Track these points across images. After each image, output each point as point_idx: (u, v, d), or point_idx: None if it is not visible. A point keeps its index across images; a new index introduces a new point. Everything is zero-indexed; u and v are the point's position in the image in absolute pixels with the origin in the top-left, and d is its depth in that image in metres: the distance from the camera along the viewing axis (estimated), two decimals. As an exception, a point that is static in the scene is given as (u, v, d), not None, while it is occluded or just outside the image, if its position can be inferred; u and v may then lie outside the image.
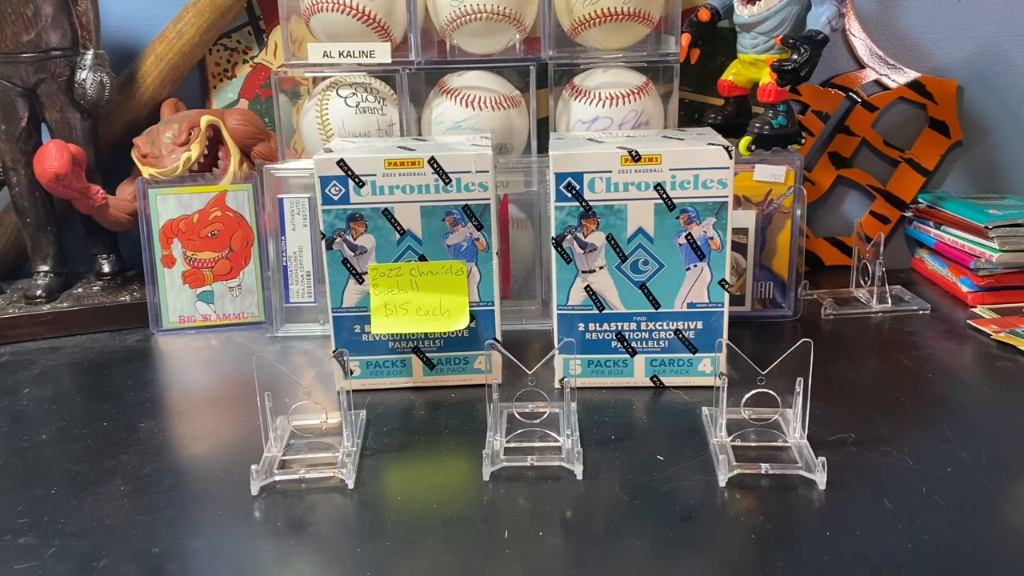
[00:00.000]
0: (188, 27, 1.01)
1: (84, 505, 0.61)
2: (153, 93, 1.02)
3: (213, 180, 0.95)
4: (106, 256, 1.02)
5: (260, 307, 0.96)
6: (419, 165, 0.74)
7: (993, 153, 1.10)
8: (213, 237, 0.95)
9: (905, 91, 1.08)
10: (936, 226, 1.04)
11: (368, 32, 0.89)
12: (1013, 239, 0.94)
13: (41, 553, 0.56)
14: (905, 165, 1.10)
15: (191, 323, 0.95)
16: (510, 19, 0.88)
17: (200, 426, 0.74)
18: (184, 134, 0.94)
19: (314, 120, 0.91)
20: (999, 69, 1.08)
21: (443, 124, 0.90)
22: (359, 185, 0.74)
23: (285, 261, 0.92)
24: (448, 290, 0.77)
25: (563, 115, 0.92)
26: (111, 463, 0.67)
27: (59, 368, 0.88)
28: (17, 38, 0.91)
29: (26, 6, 0.90)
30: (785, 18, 0.87)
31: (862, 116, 1.08)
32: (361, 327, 0.78)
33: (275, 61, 1.07)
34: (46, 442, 0.72)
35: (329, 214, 0.75)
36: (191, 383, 0.83)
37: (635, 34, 0.91)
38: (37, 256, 0.99)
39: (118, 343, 0.94)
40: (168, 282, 0.95)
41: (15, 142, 0.95)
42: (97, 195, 0.94)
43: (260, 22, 1.07)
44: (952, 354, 0.84)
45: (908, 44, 1.08)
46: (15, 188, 0.97)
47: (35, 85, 0.94)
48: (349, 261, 0.76)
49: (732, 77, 0.94)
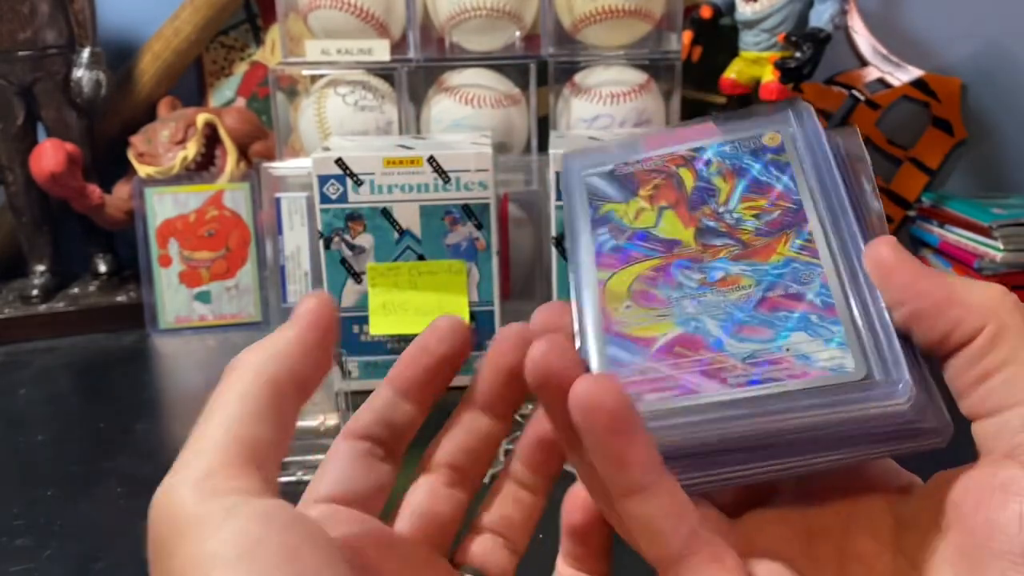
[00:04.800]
0: (185, 25, 1.01)
1: (80, 507, 0.61)
2: (150, 91, 1.02)
3: (210, 179, 0.94)
4: (102, 255, 1.01)
5: (257, 307, 0.96)
6: (418, 164, 0.73)
7: (997, 152, 1.10)
8: (210, 236, 0.94)
9: (908, 89, 1.07)
10: (940, 225, 1.03)
11: (366, 29, 0.88)
12: (1017, 238, 0.94)
13: (37, 555, 0.55)
14: (909, 164, 1.09)
15: (188, 323, 0.95)
16: (510, 16, 0.87)
17: (197, 427, 0.73)
18: (181, 132, 0.94)
19: (312, 118, 0.90)
20: (1003, 67, 1.07)
21: (442, 122, 0.89)
22: (357, 184, 0.73)
23: (283, 261, 0.91)
24: (447, 290, 0.76)
25: (564, 113, 0.91)
26: (108, 464, 0.67)
27: (55, 369, 0.87)
28: (13, 36, 0.90)
29: (22, 4, 0.90)
30: (787, 15, 0.86)
31: (865, 114, 1.08)
32: (359, 327, 0.77)
33: (273, 59, 1.07)
34: (42, 443, 0.71)
35: (327, 213, 0.74)
36: (188, 384, 0.83)
37: (636, 31, 0.90)
38: (33, 255, 0.99)
39: (114, 343, 0.93)
40: (165, 282, 0.94)
41: (11, 141, 0.94)
42: (93, 194, 0.93)
43: (258, 20, 1.07)
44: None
45: (911, 42, 1.07)
46: (11, 187, 0.96)
47: (31, 83, 0.93)
48: (347, 261, 0.76)
49: (734, 75, 0.93)
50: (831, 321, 0.25)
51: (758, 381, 0.24)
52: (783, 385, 0.23)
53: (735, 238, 0.27)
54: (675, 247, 0.27)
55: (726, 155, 0.29)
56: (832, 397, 0.23)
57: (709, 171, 0.29)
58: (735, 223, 0.27)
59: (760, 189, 0.28)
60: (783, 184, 0.28)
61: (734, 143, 0.29)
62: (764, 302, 0.25)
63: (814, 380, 0.23)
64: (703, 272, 0.27)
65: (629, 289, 0.27)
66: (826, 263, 0.26)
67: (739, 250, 0.27)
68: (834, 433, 0.23)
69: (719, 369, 0.24)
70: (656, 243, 0.28)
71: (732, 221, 0.27)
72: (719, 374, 0.24)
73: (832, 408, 0.23)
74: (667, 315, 0.26)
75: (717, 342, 0.25)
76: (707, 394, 0.24)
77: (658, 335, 0.26)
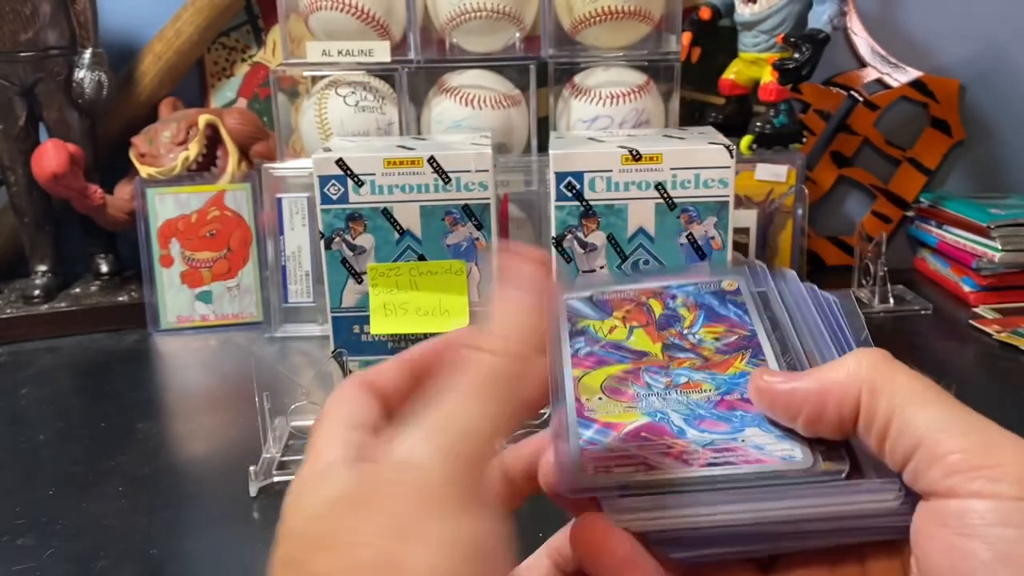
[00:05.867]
0: (186, 26, 1.01)
1: (82, 506, 0.61)
2: (151, 92, 1.02)
3: (211, 179, 0.95)
4: (104, 256, 1.02)
5: (259, 307, 0.96)
6: (418, 164, 0.74)
7: (995, 152, 1.10)
8: (211, 237, 0.95)
9: (907, 90, 1.07)
10: (938, 226, 1.04)
11: (367, 30, 0.88)
12: (1015, 239, 0.94)
13: (39, 554, 0.55)
14: (907, 164, 1.09)
15: (189, 323, 0.95)
16: (510, 17, 0.88)
17: (198, 427, 0.73)
18: (182, 133, 0.94)
19: (313, 119, 0.90)
20: (1001, 68, 1.08)
21: (442, 123, 0.89)
22: (358, 184, 0.74)
23: (284, 261, 0.91)
24: (448, 290, 0.76)
25: (563, 114, 0.91)
26: (109, 464, 0.67)
27: (57, 368, 0.87)
28: (15, 37, 0.91)
29: (24, 5, 0.90)
30: (786, 16, 0.86)
31: (864, 115, 1.08)
32: (360, 327, 0.77)
33: (274, 60, 1.07)
34: (44, 443, 0.71)
35: (328, 214, 0.74)
36: (189, 383, 0.83)
37: (636, 32, 0.90)
38: (35, 256, 0.99)
39: (116, 343, 0.93)
40: (166, 282, 0.94)
41: (13, 141, 0.94)
42: (95, 194, 0.94)
43: (259, 21, 1.07)
44: (954, 354, 0.84)
45: (910, 43, 1.07)
46: (13, 187, 0.96)
47: (33, 84, 0.93)
48: (348, 261, 0.76)
49: (733, 76, 0.93)
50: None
51: (718, 464, 0.27)
52: (738, 468, 0.27)
53: (697, 353, 0.31)
54: (644, 357, 0.31)
55: (690, 292, 0.34)
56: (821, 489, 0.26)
57: (675, 303, 0.34)
58: (698, 342, 0.32)
59: (719, 319, 0.33)
60: (739, 317, 0.33)
61: (697, 284, 0.34)
62: (722, 402, 0.29)
63: (768, 466, 0.27)
64: (669, 376, 0.30)
65: (601, 386, 0.30)
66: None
67: (701, 363, 0.31)
68: (823, 524, 0.26)
69: (681, 452, 0.27)
70: (627, 352, 0.32)
71: (695, 340, 0.32)
72: (681, 456, 0.27)
73: (822, 501, 0.26)
74: (635, 407, 0.29)
75: (680, 431, 0.28)
76: (672, 471, 0.27)
77: (626, 422, 0.29)
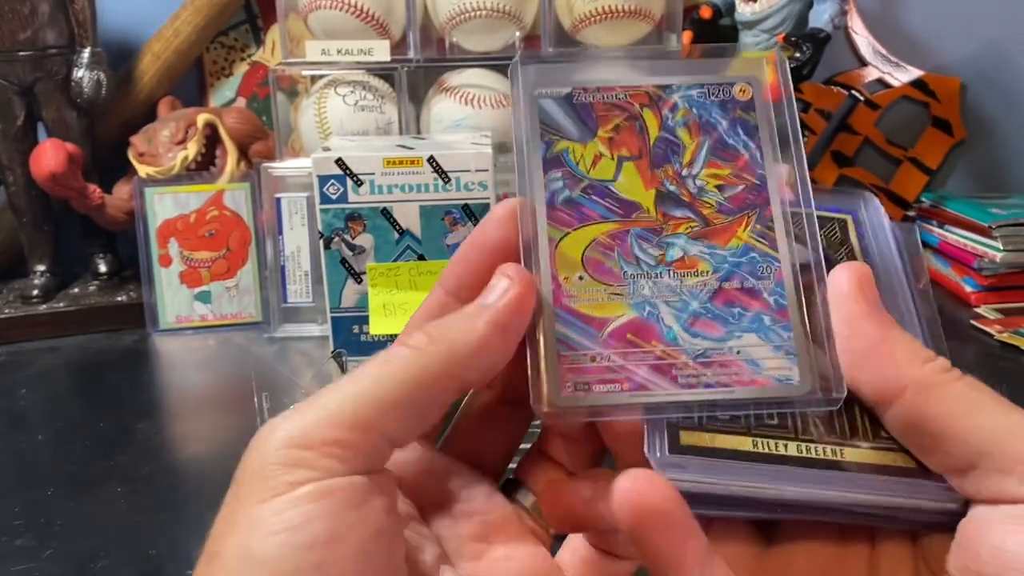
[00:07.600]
0: (185, 25, 1.01)
1: (81, 507, 0.61)
2: (150, 91, 1.02)
3: (210, 179, 0.94)
4: (103, 256, 1.01)
5: (258, 307, 0.96)
6: (418, 164, 0.73)
7: (997, 152, 1.10)
8: (210, 236, 0.94)
9: (908, 89, 1.07)
10: (939, 225, 1.04)
11: (367, 30, 0.88)
12: (1017, 239, 0.94)
13: (38, 555, 0.55)
14: (908, 164, 1.09)
15: (188, 323, 0.95)
16: (510, 16, 0.87)
17: (198, 427, 0.73)
18: (181, 133, 0.94)
19: (312, 118, 0.90)
20: (1002, 67, 1.07)
21: (442, 122, 0.89)
22: (357, 184, 0.74)
23: (283, 261, 0.91)
24: (448, 290, 0.76)
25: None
26: (108, 464, 0.67)
27: (56, 368, 0.87)
28: (13, 36, 0.90)
29: (22, 4, 0.90)
30: (787, 16, 0.86)
31: (864, 115, 1.08)
32: (360, 327, 0.77)
33: (273, 59, 1.07)
34: (43, 443, 0.71)
35: (327, 213, 0.74)
36: (188, 384, 0.83)
37: (636, 32, 0.90)
38: (33, 256, 0.99)
39: (115, 343, 0.93)
40: (165, 282, 0.94)
41: (11, 141, 0.94)
42: (94, 194, 0.93)
43: (258, 20, 1.07)
44: (955, 354, 0.82)
45: (911, 42, 1.07)
46: (11, 187, 0.96)
47: (32, 84, 0.93)
48: (347, 261, 0.76)
49: (733, 75, 0.93)
50: (783, 326, 0.25)
51: (710, 385, 0.24)
52: (731, 392, 0.24)
53: (696, 211, 0.27)
54: (634, 211, 0.27)
55: (694, 101, 0.28)
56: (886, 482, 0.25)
57: (675, 119, 0.28)
58: (698, 192, 0.27)
59: (726, 154, 0.27)
60: (749, 153, 0.27)
61: (704, 88, 0.28)
62: (720, 293, 0.26)
63: (762, 389, 0.24)
64: (661, 248, 0.26)
65: (583, 257, 0.26)
66: (784, 257, 0.26)
67: (699, 227, 0.27)
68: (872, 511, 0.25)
69: (670, 365, 0.25)
70: (614, 202, 0.27)
71: (695, 190, 0.27)
72: (670, 371, 0.25)
73: (885, 498, 0.25)
74: (621, 295, 0.26)
75: (670, 333, 0.25)
76: (658, 392, 0.24)
77: (611, 317, 0.25)
